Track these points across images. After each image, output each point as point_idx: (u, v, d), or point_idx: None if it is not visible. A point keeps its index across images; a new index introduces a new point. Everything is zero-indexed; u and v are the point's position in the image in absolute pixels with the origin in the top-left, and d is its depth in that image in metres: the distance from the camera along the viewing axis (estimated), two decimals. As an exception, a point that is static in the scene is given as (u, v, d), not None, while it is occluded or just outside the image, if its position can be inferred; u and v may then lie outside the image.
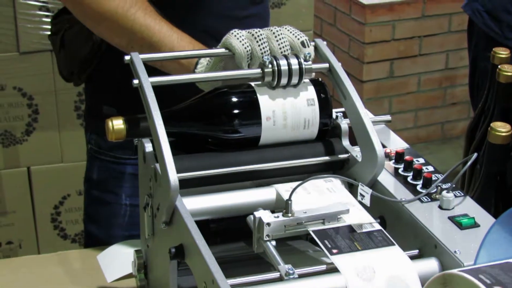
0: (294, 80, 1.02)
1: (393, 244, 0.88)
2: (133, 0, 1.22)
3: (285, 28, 1.10)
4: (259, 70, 1.02)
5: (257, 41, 1.07)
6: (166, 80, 1.01)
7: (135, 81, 0.97)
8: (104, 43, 1.35)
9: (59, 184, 2.30)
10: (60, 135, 2.24)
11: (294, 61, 1.01)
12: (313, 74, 1.07)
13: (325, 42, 1.09)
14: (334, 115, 1.09)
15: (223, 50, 1.09)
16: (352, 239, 0.88)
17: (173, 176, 0.90)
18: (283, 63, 1.01)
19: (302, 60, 1.02)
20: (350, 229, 0.90)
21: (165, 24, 1.22)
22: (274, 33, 1.08)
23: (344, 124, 1.08)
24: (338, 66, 1.03)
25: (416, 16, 3.33)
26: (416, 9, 3.32)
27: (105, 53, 1.39)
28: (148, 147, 1.02)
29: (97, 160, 1.48)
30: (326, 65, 1.05)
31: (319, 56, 1.08)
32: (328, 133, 1.09)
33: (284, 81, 1.01)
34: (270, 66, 1.01)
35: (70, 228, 2.37)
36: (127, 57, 0.99)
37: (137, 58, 0.99)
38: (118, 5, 1.21)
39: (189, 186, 0.98)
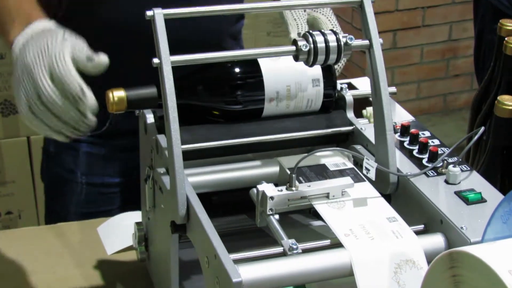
0: (332, 58, 0.94)
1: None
2: None
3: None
4: (293, 48, 0.95)
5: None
6: (189, 59, 0.93)
7: (155, 60, 0.89)
8: (61, 11, 1.32)
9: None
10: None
11: (331, 38, 0.94)
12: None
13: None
14: (339, 87, 1.08)
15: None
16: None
17: (177, 150, 0.89)
18: (319, 39, 0.94)
19: (340, 36, 0.94)
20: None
21: None
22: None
23: (349, 96, 1.07)
24: (377, 47, 0.96)
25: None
26: (420, -21, 3.32)
27: (63, 21, 1.33)
28: (150, 118, 1.01)
29: (48, 142, 1.46)
30: (366, 42, 0.96)
31: (362, 22, 0.98)
32: (332, 104, 1.08)
33: (320, 59, 0.94)
34: (305, 42, 0.93)
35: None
36: (149, 13, 0.90)
37: (160, 16, 0.89)
38: None
39: (191, 158, 0.97)
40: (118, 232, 1.23)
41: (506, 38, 1.24)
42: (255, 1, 1.04)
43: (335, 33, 0.95)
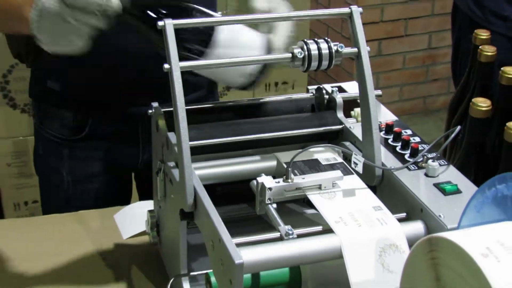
0: (324, 64, 0.94)
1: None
2: None
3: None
4: (289, 55, 0.94)
5: None
6: (197, 65, 0.94)
7: (166, 65, 0.88)
8: None
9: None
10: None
11: (324, 46, 0.93)
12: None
13: (360, 10, 0.97)
14: (330, 90, 1.08)
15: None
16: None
17: (186, 145, 0.88)
18: (313, 47, 0.93)
19: (332, 45, 0.94)
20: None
21: None
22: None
23: (339, 98, 1.07)
24: (365, 55, 0.94)
25: (402, 0, 3.31)
26: (403, -6, 3.31)
27: None
28: (161, 117, 1.01)
29: (41, 140, 1.44)
30: (355, 50, 0.95)
31: (350, 31, 0.97)
32: (324, 106, 1.08)
33: (314, 65, 0.94)
34: (300, 50, 0.93)
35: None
36: (160, 23, 0.88)
37: (170, 26, 0.88)
38: None
39: (197, 153, 0.97)
40: (133, 219, 1.23)
41: (480, 47, 1.24)
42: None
43: (327, 41, 0.94)
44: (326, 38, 0.94)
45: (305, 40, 0.94)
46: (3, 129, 2.14)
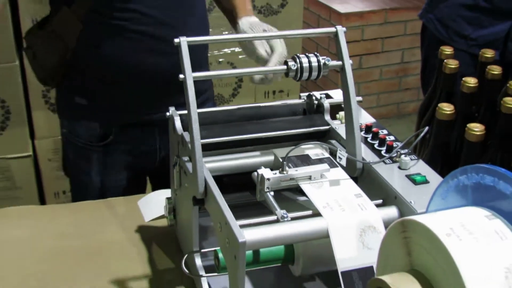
0: (314, 75, 0.94)
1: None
2: None
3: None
4: (284, 67, 0.93)
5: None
6: (206, 75, 0.93)
7: (181, 76, 0.87)
8: (68, 54, 1.30)
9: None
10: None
11: (313, 59, 0.93)
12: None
13: (344, 29, 0.96)
14: (318, 96, 1.08)
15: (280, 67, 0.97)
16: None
17: (198, 144, 0.88)
18: (304, 60, 0.93)
19: (320, 58, 0.94)
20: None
21: None
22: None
23: (326, 103, 1.06)
24: (348, 67, 0.94)
25: (379, 23, 3.30)
26: (380, 17, 3.30)
27: (71, 61, 1.32)
28: (177, 120, 1.00)
29: (70, 145, 1.43)
30: (340, 63, 0.95)
31: (336, 48, 0.96)
32: (314, 110, 1.08)
33: (305, 75, 0.94)
34: (294, 63, 0.93)
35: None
36: (176, 40, 0.87)
37: (184, 43, 0.87)
38: None
39: (207, 149, 0.97)
40: (153, 205, 1.23)
41: (445, 61, 1.23)
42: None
43: (316, 56, 0.94)
44: (315, 53, 0.94)
45: (298, 55, 0.94)
46: (45, 130, 2.14)
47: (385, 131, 1.02)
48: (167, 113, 1.02)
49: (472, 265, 0.60)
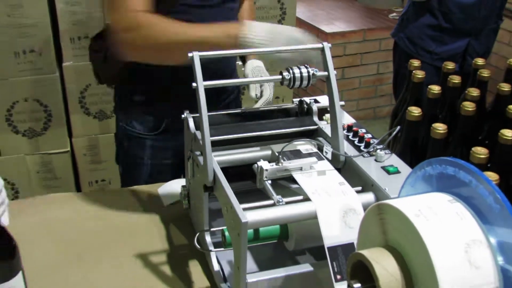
0: (304, 83, 0.94)
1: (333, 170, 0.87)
2: (175, 24, 1.07)
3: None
4: (279, 76, 0.94)
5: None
6: (214, 84, 0.92)
7: (194, 84, 0.87)
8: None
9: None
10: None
11: (304, 70, 0.94)
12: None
13: (329, 45, 0.95)
14: (308, 101, 1.07)
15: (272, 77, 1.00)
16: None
17: (208, 141, 0.88)
18: (296, 71, 0.93)
19: (310, 70, 0.94)
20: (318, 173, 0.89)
21: (192, 27, 1.07)
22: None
23: (314, 107, 1.06)
24: (333, 77, 0.94)
25: (358, 41, 3.30)
26: (359, 36, 3.29)
27: (135, 64, 1.24)
28: (191, 120, 1.01)
29: (126, 137, 1.39)
30: (326, 73, 0.95)
31: (323, 60, 0.95)
32: (304, 112, 1.07)
33: (297, 84, 0.94)
34: (287, 73, 0.94)
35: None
36: (190, 54, 0.87)
37: (197, 56, 0.88)
38: (169, 38, 1.06)
39: (216, 145, 0.97)
40: (171, 191, 1.23)
41: (413, 71, 1.23)
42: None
43: (306, 67, 0.94)
44: (306, 65, 0.94)
45: (291, 67, 0.94)
46: (81, 130, 2.14)
47: (363, 130, 1.02)
48: (182, 115, 1.02)
49: (437, 241, 0.60)
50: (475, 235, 0.61)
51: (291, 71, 0.93)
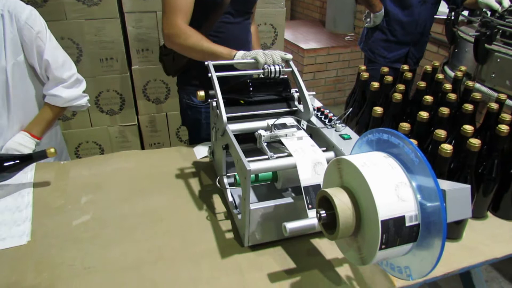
0: (277, 76, 0.96)
1: (314, 146, 0.84)
2: (199, 36, 1.10)
3: (278, 51, 1.00)
4: (262, 70, 0.95)
5: (266, 56, 0.99)
6: (220, 75, 0.92)
7: (209, 74, 0.89)
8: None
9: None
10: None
11: (277, 67, 0.95)
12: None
13: (291, 56, 0.98)
14: (293, 91, 1.04)
15: (252, 60, 0.99)
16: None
17: (225, 117, 0.85)
18: (273, 68, 0.95)
19: (281, 67, 0.95)
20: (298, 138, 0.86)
21: (211, 43, 1.08)
22: (274, 53, 0.99)
23: (295, 95, 1.03)
24: (296, 72, 0.96)
25: (325, 54, 3.21)
26: (325, 51, 3.21)
27: (192, 61, 1.24)
28: (213, 102, 0.97)
29: (188, 107, 1.36)
30: (290, 69, 0.96)
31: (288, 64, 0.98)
32: (288, 98, 1.04)
33: (272, 75, 0.95)
34: (267, 68, 0.95)
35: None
36: (206, 63, 0.92)
37: (211, 64, 0.92)
38: (195, 43, 1.09)
39: (230, 120, 0.94)
40: (202, 149, 1.20)
41: (360, 73, 1.19)
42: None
43: (278, 65, 0.95)
44: (279, 64, 0.95)
45: (268, 64, 0.96)
46: (144, 110, 2.10)
47: (327, 111, 0.99)
48: (209, 100, 0.99)
49: (376, 182, 0.59)
50: (402, 179, 0.60)
51: (270, 67, 0.95)
